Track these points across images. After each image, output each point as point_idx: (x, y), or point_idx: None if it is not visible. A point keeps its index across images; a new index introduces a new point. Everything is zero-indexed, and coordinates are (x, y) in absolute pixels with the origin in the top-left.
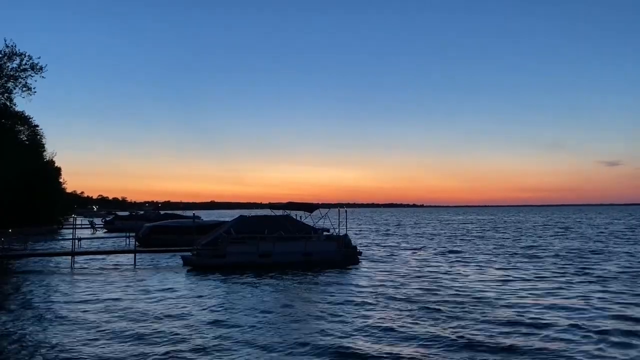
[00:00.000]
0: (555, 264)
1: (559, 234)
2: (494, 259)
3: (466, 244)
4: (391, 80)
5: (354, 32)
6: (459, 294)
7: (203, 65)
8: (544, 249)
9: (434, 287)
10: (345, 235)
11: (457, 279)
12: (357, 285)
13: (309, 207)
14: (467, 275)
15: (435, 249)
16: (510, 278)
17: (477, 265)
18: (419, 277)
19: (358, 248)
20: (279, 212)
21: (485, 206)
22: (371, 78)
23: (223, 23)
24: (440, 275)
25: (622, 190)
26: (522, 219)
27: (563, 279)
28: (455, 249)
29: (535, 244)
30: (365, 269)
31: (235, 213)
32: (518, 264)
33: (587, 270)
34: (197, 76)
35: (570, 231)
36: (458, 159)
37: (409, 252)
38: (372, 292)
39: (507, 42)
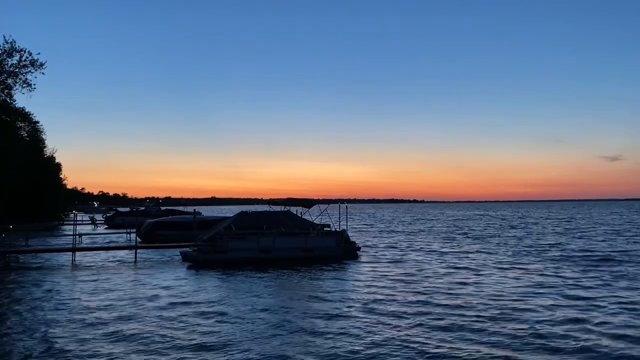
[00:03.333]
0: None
1: (569, 230)
2: (492, 255)
3: (466, 240)
4: (391, 76)
5: (354, 28)
6: (456, 292)
7: (203, 61)
8: (549, 248)
9: (432, 285)
10: (344, 230)
11: (454, 276)
12: (356, 281)
13: (307, 203)
14: (466, 273)
15: (433, 245)
16: (503, 275)
17: (474, 261)
18: (416, 273)
19: (357, 243)
20: (278, 208)
21: (486, 201)
22: (372, 74)
23: (224, 20)
24: (438, 272)
25: (623, 185)
26: (526, 215)
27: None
28: (453, 245)
29: (541, 243)
30: (364, 264)
31: (236, 209)
32: (517, 261)
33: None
34: (198, 72)
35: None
36: (458, 155)
37: (407, 248)
38: (370, 288)
39: (508, 38)
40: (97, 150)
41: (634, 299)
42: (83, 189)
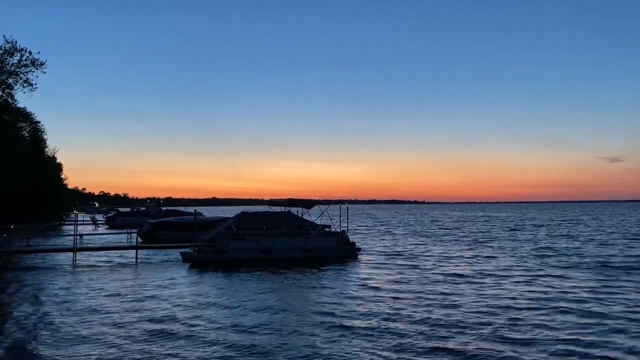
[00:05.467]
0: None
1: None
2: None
3: (466, 241)
4: (393, 76)
5: (355, 28)
6: (456, 292)
7: (204, 61)
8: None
9: (430, 284)
10: (344, 231)
11: (454, 276)
12: (355, 281)
13: (307, 204)
14: (462, 278)
15: (434, 248)
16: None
17: (472, 259)
18: (415, 276)
19: (356, 244)
20: (278, 209)
21: (487, 202)
22: (373, 74)
23: (224, 19)
24: (437, 276)
25: (623, 186)
26: (537, 216)
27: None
28: (451, 246)
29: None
30: (364, 265)
31: (237, 209)
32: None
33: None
34: (198, 72)
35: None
36: (458, 155)
37: (406, 250)
38: (368, 288)
39: (508, 39)
40: (97, 150)
41: None
42: (84, 189)
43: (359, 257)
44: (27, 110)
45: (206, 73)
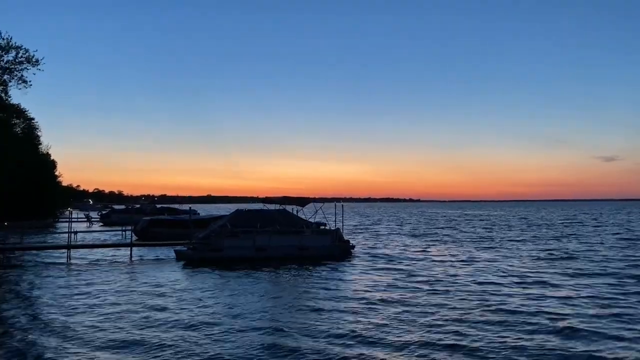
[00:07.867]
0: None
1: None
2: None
3: (467, 240)
4: (390, 75)
5: (353, 27)
6: (456, 291)
7: (200, 58)
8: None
9: (427, 283)
10: (338, 229)
11: (454, 275)
12: (350, 280)
13: (301, 202)
14: (464, 272)
15: (431, 247)
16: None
17: (470, 256)
18: (410, 272)
19: (351, 242)
20: (272, 207)
21: (484, 201)
22: (370, 72)
23: (222, 18)
24: (433, 271)
25: (619, 185)
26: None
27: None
28: (450, 245)
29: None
30: (358, 263)
31: (232, 207)
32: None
33: None
34: (194, 69)
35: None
36: (456, 154)
37: (402, 249)
38: (363, 287)
39: (507, 39)
40: (92, 147)
41: None
42: (78, 186)
43: (353, 255)
44: (21, 107)
45: (202, 70)
